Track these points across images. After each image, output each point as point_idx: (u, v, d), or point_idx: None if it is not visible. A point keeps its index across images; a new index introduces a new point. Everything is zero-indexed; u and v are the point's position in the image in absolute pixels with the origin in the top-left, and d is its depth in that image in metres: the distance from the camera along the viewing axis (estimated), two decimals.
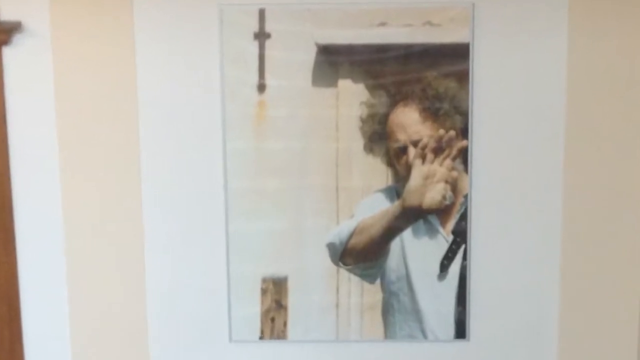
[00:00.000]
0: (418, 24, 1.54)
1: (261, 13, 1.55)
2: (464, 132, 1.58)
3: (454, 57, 1.55)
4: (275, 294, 1.65)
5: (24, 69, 1.58)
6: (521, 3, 1.54)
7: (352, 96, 1.57)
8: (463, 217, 1.61)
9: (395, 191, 1.61)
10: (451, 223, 1.62)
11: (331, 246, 1.63)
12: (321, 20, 1.55)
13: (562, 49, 1.56)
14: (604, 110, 1.58)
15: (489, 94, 1.57)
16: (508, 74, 1.57)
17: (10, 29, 1.54)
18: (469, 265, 1.63)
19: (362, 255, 1.63)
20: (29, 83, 1.59)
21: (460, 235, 1.62)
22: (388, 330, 1.66)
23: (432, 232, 1.62)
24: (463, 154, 1.58)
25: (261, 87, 1.57)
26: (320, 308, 1.66)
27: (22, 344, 1.68)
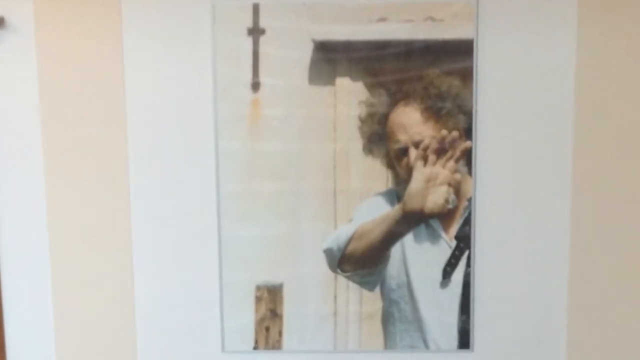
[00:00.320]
0: (419, 20, 1.51)
1: (255, 8, 1.52)
2: (468, 133, 1.54)
3: (457, 54, 1.52)
4: (270, 302, 1.62)
5: (7, 67, 1.55)
6: None
7: (351, 95, 1.54)
8: (467, 222, 1.57)
9: (395, 194, 1.57)
10: (454, 228, 1.58)
11: (329, 252, 1.60)
12: (318, 15, 1.51)
13: (571, 46, 1.52)
14: (614, 110, 1.54)
15: (494, 93, 1.54)
16: (514, 72, 1.53)
17: None
18: (473, 272, 1.59)
19: (361, 261, 1.60)
20: (12, 82, 1.56)
21: (463, 240, 1.58)
22: (388, 340, 1.63)
23: (435, 238, 1.59)
24: (467, 156, 1.55)
25: (255, 86, 1.54)
26: (317, 317, 1.62)
27: (5, 357, 1.63)
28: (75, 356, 1.64)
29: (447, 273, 1.59)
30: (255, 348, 1.63)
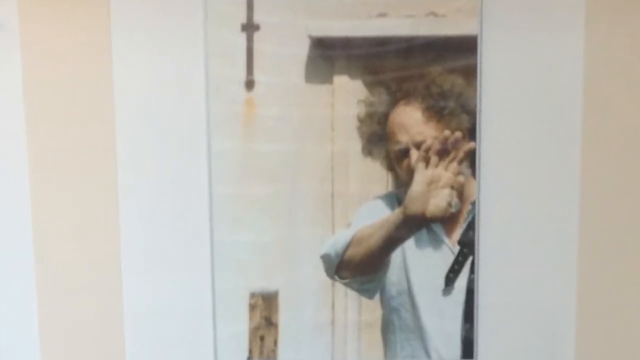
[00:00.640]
0: (421, 15, 1.48)
1: (249, 3, 1.49)
2: (472, 133, 1.51)
3: (461, 51, 1.49)
4: (264, 311, 1.59)
5: None
6: None
7: (349, 94, 1.52)
8: (470, 226, 1.54)
9: (396, 198, 1.55)
10: (457, 233, 1.55)
11: (326, 258, 1.57)
12: (315, 10, 1.49)
13: (579, 42, 1.49)
14: (624, 109, 1.51)
15: (499, 92, 1.50)
16: (519, 70, 1.50)
17: None
18: (477, 278, 1.56)
19: (360, 268, 1.57)
20: None
21: (467, 246, 1.55)
22: (388, 349, 1.60)
23: (437, 243, 1.56)
24: (470, 157, 1.52)
25: (249, 84, 1.52)
26: (313, 326, 1.60)
27: None
28: None
29: (450, 280, 1.57)
30: (249, 358, 1.60)
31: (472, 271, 1.56)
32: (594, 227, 1.54)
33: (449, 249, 1.56)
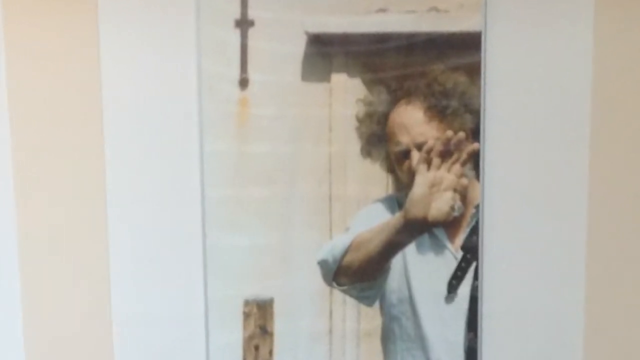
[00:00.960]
0: (422, 10, 1.45)
1: None
2: (475, 134, 1.48)
3: (464, 48, 1.46)
4: (259, 319, 1.56)
5: None
6: None
7: (347, 92, 1.49)
8: (474, 231, 1.51)
9: (396, 201, 1.52)
10: (460, 237, 1.52)
11: (323, 264, 1.54)
12: (312, 5, 1.46)
13: (588, 39, 1.45)
14: (635, 108, 1.46)
15: (504, 90, 1.47)
16: (525, 67, 1.46)
17: None
18: (481, 285, 1.53)
19: (359, 274, 1.54)
20: None
21: (470, 251, 1.52)
22: (388, 359, 1.57)
23: (439, 248, 1.53)
24: (474, 159, 1.48)
25: (243, 83, 1.49)
26: (310, 334, 1.57)
27: None
28: None
29: (453, 287, 1.53)
30: None
31: (476, 278, 1.53)
32: (604, 232, 1.50)
33: (452, 255, 1.53)
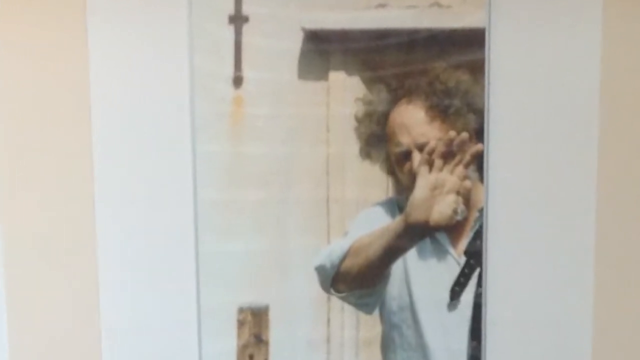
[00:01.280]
0: (424, 6, 1.42)
1: None
2: (479, 134, 1.45)
3: (467, 45, 1.43)
4: (254, 327, 1.53)
5: None
6: None
7: (346, 91, 1.47)
8: (478, 236, 1.48)
9: (396, 204, 1.49)
10: (464, 242, 1.49)
11: (321, 270, 1.51)
12: (309, 1, 1.43)
13: (596, 35, 1.42)
14: None
15: (508, 89, 1.44)
16: (531, 65, 1.43)
17: None
18: (485, 292, 1.49)
19: (358, 280, 1.51)
20: None
21: (474, 256, 1.49)
22: None
23: (441, 253, 1.50)
24: (478, 160, 1.46)
25: (237, 81, 1.46)
26: (307, 343, 1.54)
27: None
28: None
29: (456, 293, 1.50)
30: None
31: (480, 284, 1.50)
32: (613, 237, 1.47)
33: (455, 260, 1.50)
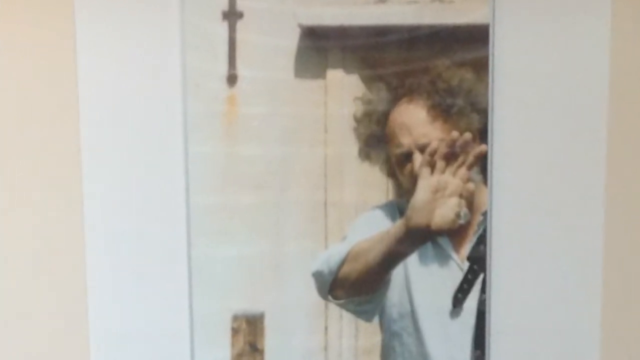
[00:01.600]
0: (426, 1, 1.40)
1: None
2: (483, 135, 1.42)
3: (471, 42, 1.40)
4: (249, 335, 1.51)
5: None
6: None
7: (344, 90, 1.45)
8: (481, 240, 1.45)
9: (397, 207, 1.46)
10: (467, 247, 1.47)
11: (318, 275, 1.49)
12: None
13: (605, 32, 1.38)
14: None
15: (514, 88, 1.41)
16: (537, 63, 1.40)
17: None
18: (489, 299, 1.47)
19: (357, 287, 1.48)
20: None
21: (478, 262, 1.46)
22: None
23: (443, 259, 1.47)
24: (481, 162, 1.43)
25: (231, 79, 1.44)
26: (304, 352, 1.52)
27: None
28: None
29: (459, 301, 1.48)
30: None
31: (484, 291, 1.47)
32: (622, 243, 1.44)
33: (457, 266, 1.47)
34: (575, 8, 1.39)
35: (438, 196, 1.43)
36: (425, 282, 1.47)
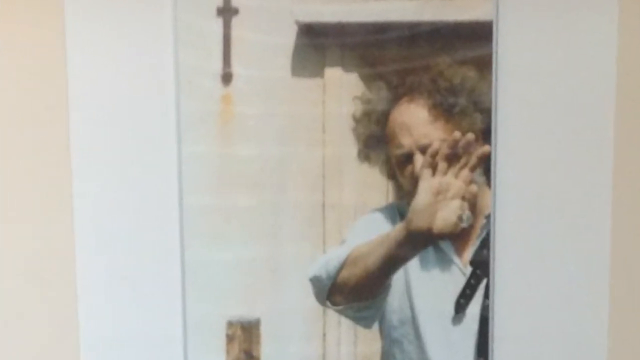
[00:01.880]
0: None
1: None
2: (486, 135, 1.40)
3: (473, 39, 1.39)
4: (244, 342, 1.48)
5: None
6: None
7: (343, 89, 1.43)
8: (485, 244, 1.43)
9: (397, 210, 1.44)
10: (469, 251, 1.44)
11: (316, 280, 1.46)
12: None
13: (612, 29, 1.36)
14: None
15: (518, 86, 1.39)
16: (542, 61, 1.38)
17: None
18: (492, 305, 1.44)
19: (356, 292, 1.46)
20: None
21: (480, 266, 1.44)
22: None
23: (445, 263, 1.45)
24: (484, 163, 1.41)
25: (226, 78, 1.42)
26: (302, 359, 1.50)
27: None
28: None
29: (461, 306, 1.46)
30: None
31: (487, 296, 1.45)
32: (630, 246, 1.41)
33: (460, 271, 1.45)
34: (581, 4, 1.37)
35: (440, 199, 1.41)
36: (426, 288, 1.45)
